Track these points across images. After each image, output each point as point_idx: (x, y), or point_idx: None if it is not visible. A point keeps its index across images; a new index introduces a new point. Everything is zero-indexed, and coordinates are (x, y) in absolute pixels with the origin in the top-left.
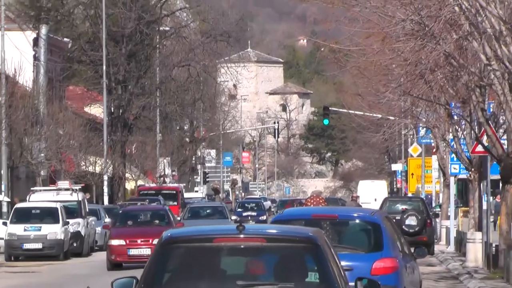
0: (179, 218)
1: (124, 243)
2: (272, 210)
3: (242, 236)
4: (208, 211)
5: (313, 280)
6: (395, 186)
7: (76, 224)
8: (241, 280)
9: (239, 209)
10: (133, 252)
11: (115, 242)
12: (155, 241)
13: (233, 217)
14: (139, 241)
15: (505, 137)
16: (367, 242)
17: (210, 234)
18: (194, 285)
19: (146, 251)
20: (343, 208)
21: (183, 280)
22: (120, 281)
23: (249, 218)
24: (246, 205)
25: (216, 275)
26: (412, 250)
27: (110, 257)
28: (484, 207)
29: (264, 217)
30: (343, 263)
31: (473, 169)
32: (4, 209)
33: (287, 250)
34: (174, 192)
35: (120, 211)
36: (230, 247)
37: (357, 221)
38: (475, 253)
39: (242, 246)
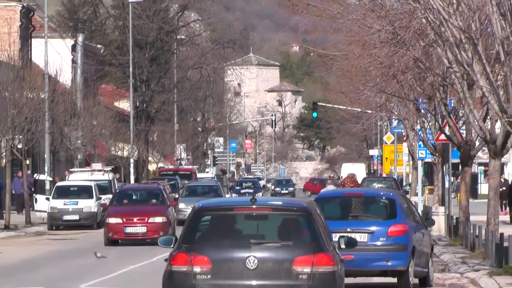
0: (177, 196)
1: (121, 221)
2: (271, 187)
3: (254, 206)
4: (204, 189)
5: (306, 239)
6: (372, 168)
7: (107, 199)
8: (253, 239)
9: (237, 187)
10: (129, 230)
11: (112, 220)
12: (151, 220)
13: (228, 195)
14: (135, 219)
15: (464, 127)
16: (385, 212)
17: (231, 205)
18: (218, 242)
19: (142, 229)
20: (367, 189)
21: (211, 238)
22: (163, 238)
23: (247, 194)
24: (244, 183)
25: (235, 235)
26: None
27: (108, 234)
28: (446, 185)
29: (260, 194)
30: (368, 228)
31: (437, 154)
32: (47, 186)
33: (287, 217)
34: (189, 172)
35: (117, 190)
36: (245, 214)
37: (378, 197)
38: (438, 224)
39: (254, 214)
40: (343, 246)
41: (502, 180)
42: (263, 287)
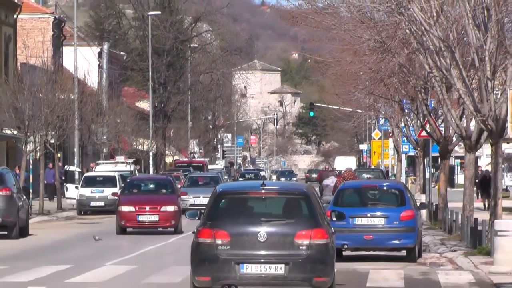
0: (179, 186)
1: (133, 209)
2: (273, 178)
3: (263, 191)
4: (205, 180)
5: (305, 217)
6: (361, 161)
7: None
8: (263, 217)
9: (240, 178)
10: (142, 218)
11: (125, 208)
12: (163, 208)
13: None
14: (147, 208)
15: (442, 125)
16: (396, 201)
17: (245, 189)
18: (235, 219)
19: (154, 218)
20: (381, 181)
21: (229, 216)
22: (191, 212)
23: None
24: (246, 174)
25: (248, 213)
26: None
27: (120, 222)
28: (427, 176)
29: None
30: (384, 213)
31: (419, 149)
32: (76, 177)
33: (290, 199)
34: (201, 164)
35: (128, 180)
36: (257, 197)
37: (389, 188)
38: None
39: (263, 197)
40: (334, 218)
41: (479, 172)
42: (271, 256)
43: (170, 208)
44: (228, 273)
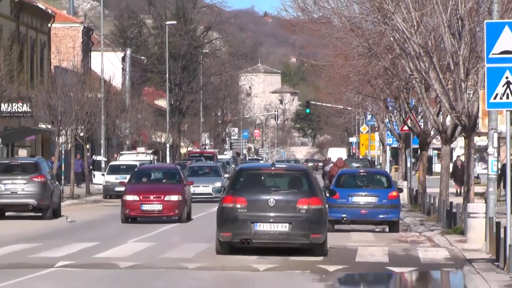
0: None
1: (137, 198)
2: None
3: (273, 168)
4: (205, 170)
5: (305, 189)
6: (351, 151)
7: None
8: (272, 188)
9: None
10: (146, 207)
11: (129, 197)
12: (167, 198)
13: (226, 175)
14: (151, 197)
15: (422, 121)
16: (384, 183)
17: (259, 167)
18: (250, 189)
19: (158, 207)
20: (372, 169)
21: (246, 187)
22: (217, 188)
23: None
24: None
25: (261, 185)
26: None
27: (125, 211)
28: (408, 165)
29: None
30: (376, 193)
31: (401, 141)
32: (103, 165)
33: (294, 175)
34: (211, 155)
35: (136, 169)
36: (268, 173)
37: (379, 174)
38: (403, 194)
39: (273, 173)
40: (327, 195)
41: (460, 161)
42: (278, 217)
43: (174, 198)
44: (245, 230)
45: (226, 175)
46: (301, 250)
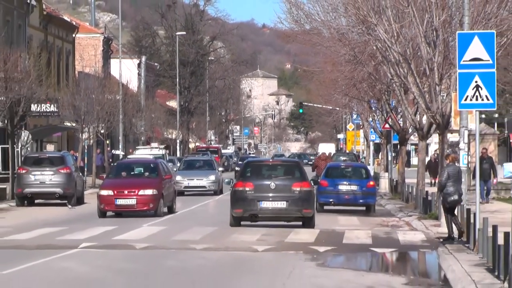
0: (175, 169)
1: (112, 193)
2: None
3: (271, 160)
4: (199, 163)
5: (297, 176)
6: (339, 146)
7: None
8: (273, 175)
9: (240, 162)
10: (119, 202)
11: (104, 192)
12: (141, 192)
13: (220, 169)
14: (125, 191)
15: (401, 119)
16: (363, 174)
17: (262, 160)
18: (256, 177)
19: (132, 201)
20: (354, 163)
21: (253, 174)
22: (227, 180)
23: None
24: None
25: (263, 174)
26: None
27: (100, 206)
28: (389, 158)
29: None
30: (357, 182)
31: (383, 137)
32: (120, 158)
33: (288, 166)
34: (216, 149)
35: (115, 164)
36: (268, 164)
37: (359, 167)
38: (385, 184)
39: (270, 164)
40: (312, 184)
41: (435, 155)
42: (277, 197)
43: (149, 192)
44: (253, 207)
45: (220, 168)
46: (295, 232)
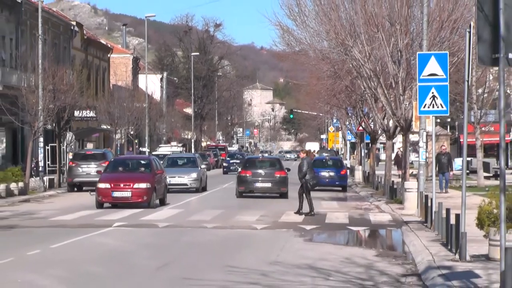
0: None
1: (109, 186)
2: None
3: (261, 157)
4: (183, 160)
5: (278, 167)
6: (322, 145)
7: None
8: (262, 166)
9: (228, 158)
10: (116, 194)
11: (101, 185)
12: (135, 185)
13: (203, 166)
14: (121, 185)
15: (372, 123)
16: (338, 165)
17: (256, 157)
18: (252, 167)
19: (127, 194)
20: (332, 156)
21: (250, 166)
22: (238, 169)
23: (235, 164)
24: (234, 156)
25: (256, 165)
26: None
27: (98, 198)
28: (363, 154)
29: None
30: (334, 170)
31: (357, 138)
32: (146, 154)
33: (272, 161)
34: (223, 147)
35: (112, 160)
36: (260, 160)
37: (335, 160)
38: (359, 175)
39: (261, 160)
40: (287, 172)
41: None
42: (266, 180)
43: (143, 185)
44: (251, 186)
45: (203, 166)
46: (287, 214)
